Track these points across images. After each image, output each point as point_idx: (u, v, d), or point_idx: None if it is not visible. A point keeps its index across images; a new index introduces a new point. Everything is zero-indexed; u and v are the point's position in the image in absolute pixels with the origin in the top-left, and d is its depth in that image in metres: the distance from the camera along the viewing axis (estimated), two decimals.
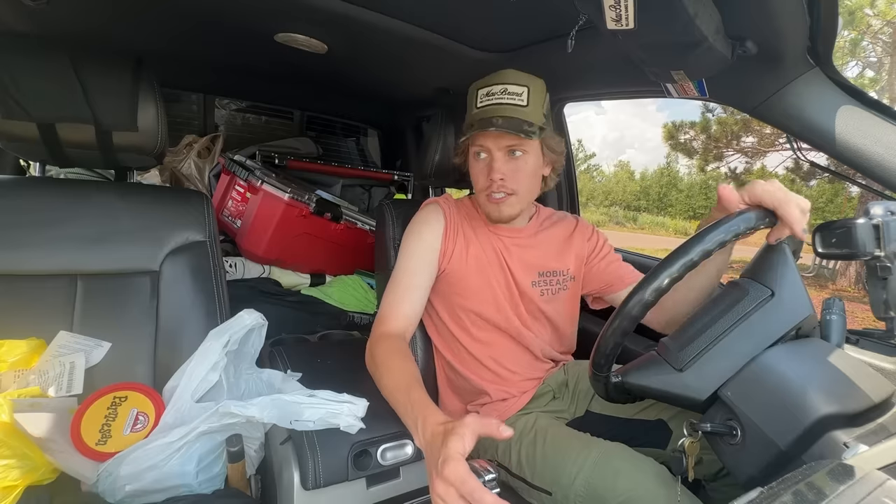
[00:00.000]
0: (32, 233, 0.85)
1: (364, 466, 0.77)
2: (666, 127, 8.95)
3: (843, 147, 0.78)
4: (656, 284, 0.59)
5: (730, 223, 0.61)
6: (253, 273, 1.71)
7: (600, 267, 1.05)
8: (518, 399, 0.97)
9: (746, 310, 0.62)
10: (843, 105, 0.79)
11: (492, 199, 0.92)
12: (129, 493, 0.68)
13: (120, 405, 0.76)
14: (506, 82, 0.90)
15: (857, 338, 0.85)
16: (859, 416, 0.53)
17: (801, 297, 0.63)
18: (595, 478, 0.73)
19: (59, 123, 0.84)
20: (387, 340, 0.85)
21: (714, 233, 0.60)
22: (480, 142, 0.91)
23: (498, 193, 0.91)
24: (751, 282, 0.65)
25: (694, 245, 0.59)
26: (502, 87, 0.90)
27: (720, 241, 0.59)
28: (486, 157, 0.92)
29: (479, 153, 0.92)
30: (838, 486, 0.40)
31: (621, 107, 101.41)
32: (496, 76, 0.92)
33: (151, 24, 1.18)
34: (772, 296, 0.63)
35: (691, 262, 0.59)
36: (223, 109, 2.09)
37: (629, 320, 0.61)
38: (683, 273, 0.59)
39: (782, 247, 0.66)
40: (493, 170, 0.90)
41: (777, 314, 0.62)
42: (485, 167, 0.92)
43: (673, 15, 0.63)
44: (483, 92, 0.91)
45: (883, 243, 0.62)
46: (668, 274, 0.59)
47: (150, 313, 0.90)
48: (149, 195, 0.98)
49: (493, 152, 0.90)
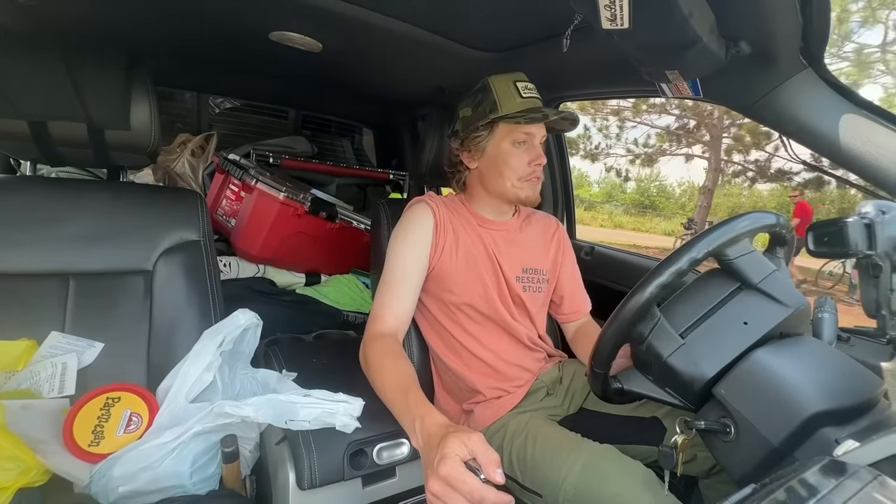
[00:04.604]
0: (23, 232, 0.84)
1: (360, 466, 0.77)
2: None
3: (835, 147, 0.79)
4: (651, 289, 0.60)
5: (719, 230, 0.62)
6: (247, 272, 1.70)
7: (564, 279, 1.11)
8: (512, 396, 0.98)
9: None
10: (835, 105, 0.80)
11: (532, 181, 0.98)
12: (123, 495, 0.67)
13: (113, 406, 0.75)
14: (526, 80, 0.98)
15: (849, 335, 0.86)
16: (851, 412, 0.54)
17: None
18: (583, 482, 0.74)
19: (51, 121, 0.83)
20: (380, 340, 0.85)
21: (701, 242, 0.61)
22: (529, 130, 0.95)
23: (539, 177, 0.99)
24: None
25: (683, 254, 0.61)
26: (530, 84, 0.98)
27: (706, 251, 0.61)
28: (527, 146, 0.97)
29: (523, 140, 0.96)
30: (830, 482, 0.40)
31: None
32: (518, 73, 0.99)
33: (145, 21, 1.16)
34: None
35: (680, 270, 0.60)
36: (217, 108, 2.08)
37: (627, 323, 0.62)
38: (674, 280, 0.60)
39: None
40: (539, 155, 0.97)
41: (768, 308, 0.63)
42: (525, 154, 0.96)
43: (668, 15, 0.64)
44: (522, 86, 0.97)
45: (874, 242, 0.63)
46: (657, 284, 0.60)
47: (144, 313, 0.89)
48: (142, 194, 0.97)
49: (536, 139, 0.97)
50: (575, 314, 1.12)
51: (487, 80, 0.98)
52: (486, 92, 0.97)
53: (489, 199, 1.03)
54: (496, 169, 0.97)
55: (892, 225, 0.65)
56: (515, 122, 0.94)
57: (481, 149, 0.98)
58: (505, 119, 0.94)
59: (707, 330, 0.63)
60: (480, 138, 0.98)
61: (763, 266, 0.65)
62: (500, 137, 0.96)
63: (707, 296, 0.66)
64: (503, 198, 1.00)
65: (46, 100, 0.81)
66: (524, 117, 0.93)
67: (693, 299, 0.67)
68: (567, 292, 1.11)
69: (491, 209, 1.04)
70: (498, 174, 0.97)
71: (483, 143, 0.98)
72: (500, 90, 0.96)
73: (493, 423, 0.96)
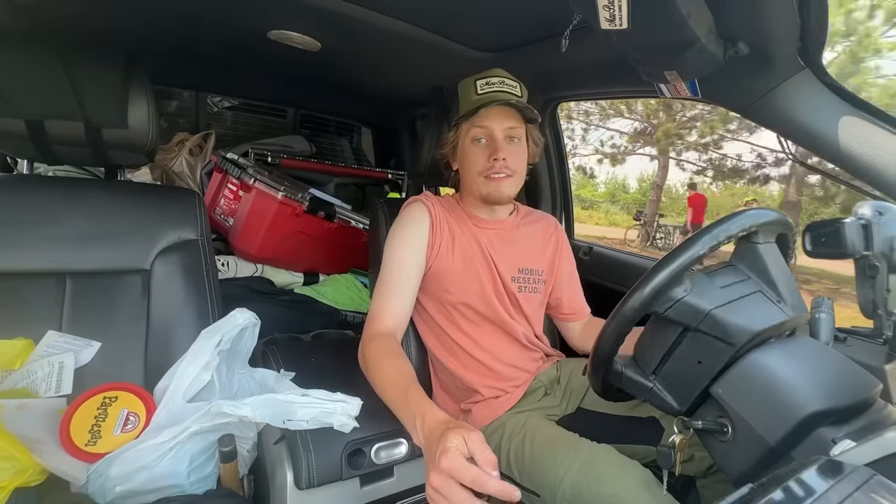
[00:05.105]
0: (20, 231, 0.84)
1: (358, 465, 0.77)
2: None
3: (833, 147, 0.79)
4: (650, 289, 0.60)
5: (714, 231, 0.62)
6: (245, 272, 1.70)
7: (561, 281, 1.11)
8: (510, 396, 0.98)
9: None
10: (832, 106, 0.80)
11: (492, 178, 0.95)
12: (120, 494, 0.67)
13: (110, 405, 0.75)
14: (501, 76, 0.97)
15: (846, 335, 0.86)
16: (848, 412, 0.54)
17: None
18: (581, 481, 0.74)
19: (48, 120, 0.83)
20: (379, 340, 0.85)
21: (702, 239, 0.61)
22: (483, 123, 0.94)
23: (499, 173, 0.94)
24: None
25: (684, 251, 0.60)
26: (499, 79, 0.96)
27: (710, 245, 0.61)
28: (486, 142, 0.96)
29: (480, 138, 0.96)
30: (827, 481, 0.40)
31: None
32: (490, 71, 0.98)
33: (143, 20, 1.16)
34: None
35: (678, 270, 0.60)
36: (216, 107, 2.07)
37: (627, 322, 0.62)
38: (675, 278, 0.60)
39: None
40: (497, 150, 0.93)
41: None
42: (484, 150, 0.96)
43: (666, 15, 0.64)
44: (482, 82, 0.96)
45: (871, 243, 0.63)
46: (658, 280, 0.60)
47: (141, 312, 0.89)
48: (140, 193, 0.97)
49: (495, 134, 0.94)
50: (574, 315, 1.12)
51: (459, 83, 1.01)
52: (458, 95, 1.01)
53: (472, 199, 1.04)
54: (463, 168, 1.01)
55: (889, 226, 0.65)
56: (470, 120, 0.95)
57: (456, 151, 1.02)
58: (463, 118, 0.96)
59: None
60: (452, 140, 1.01)
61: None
62: (462, 137, 0.99)
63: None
64: (478, 196, 1.01)
65: (44, 98, 0.81)
66: (473, 113, 0.93)
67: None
68: (566, 294, 1.11)
69: (479, 208, 1.05)
70: (465, 173, 1.00)
71: (454, 144, 1.02)
72: (462, 91, 0.99)
73: (491, 423, 0.96)
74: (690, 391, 0.62)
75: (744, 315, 0.60)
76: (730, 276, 0.65)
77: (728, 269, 0.66)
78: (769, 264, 0.65)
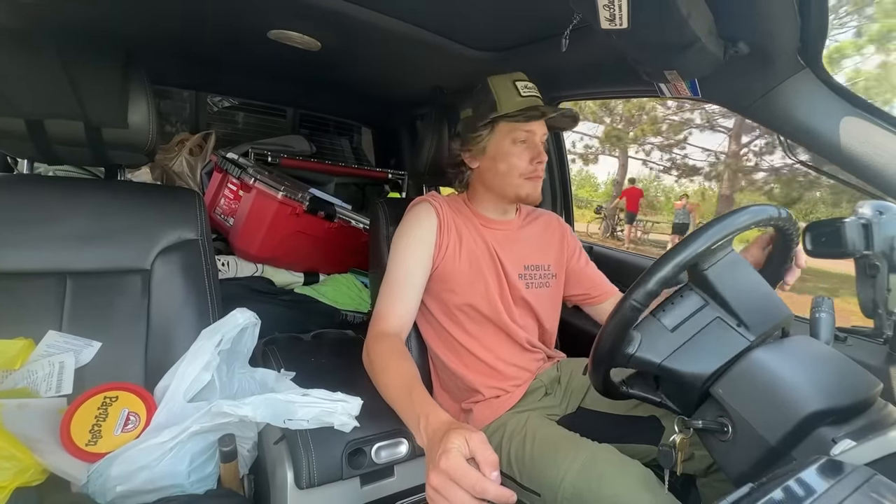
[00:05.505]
0: (20, 231, 0.84)
1: (358, 465, 0.77)
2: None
3: (833, 147, 0.79)
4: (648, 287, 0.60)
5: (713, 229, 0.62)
6: (246, 271, 1.70)
7: (578, 268, 1.11)
8: (510, 395, 0.98)
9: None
10: (832, 106, 0.80)
11: (533, 178, 0.98)
12: (120, 494, 0.67)
13: (111, 405, 0.75)
14: (526, 80, 0.99)
15: (846, 335, 0.86)
16: (848, 412, 0.54)
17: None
18: (581, 481, 0.74)
19: (48, 120, 0.83)
20: (384, 340, 0.85)
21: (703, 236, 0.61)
22: (529, 127, 0.96)
23: (539, 175, 0.98)
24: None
25: (682, 249, 0.60)
26: (529, 83, 0.98)
27: (707, 244, 0.61)
28: (527, 143, 0.97)
29: (523, 139, 0.97)
30: (827, 481, 0.40)
31: None
32: (518, 74, 0.99)
33: (143, 19, 1.16)
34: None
35: (680, 266, 0.60)
36: (216, 106, 2.07)
37: (627, 320, 0.62)
38: (675, 275, 0.60)
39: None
40: (540, 153, 0.97)
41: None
42: (526, 151, 0.97)
43: (667, 15, 0.64)
44: (521, 84, 0.97)
45: (871, 242, 0.63)
46: (658, 279, 0.60)
47: (142, 312, 0.89)
48: (140, 193, 0.97)
49: (537, 137, 0.97)
50: (604, 295, 1.11)
51: (487, 80, 0.98)
52: (485, 92, 0.97)
53: (491, 199, 1.03)
54: (497, 168, 0.98)
55: (889, 225, 0.65)
56: (515, 121, 0.94)
57: (482, 148, 0.99)
58: (505, 118, 0.95)
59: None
60: (481, 138, 0.98)
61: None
62: (501, 136, 0.97)
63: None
64: (504, 196, 1.00)
65: (44, 98, 0.81)
66: (523, 115, 0.93)
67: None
68: (586, 277, 1.12)
69: (493, 209, 1.04)
70: (499, 173, 0.98)
71: (484, 142, 0.98)
72: (499, 90, 0.97)
73: (492, 423, 0.96)
74: (690, 402, 0.64)
75: (698, 357, 0.61)
76: (686, 306, 0.64)
77: (686, 298, 0.65)
78: (722, 288, 0.63)
